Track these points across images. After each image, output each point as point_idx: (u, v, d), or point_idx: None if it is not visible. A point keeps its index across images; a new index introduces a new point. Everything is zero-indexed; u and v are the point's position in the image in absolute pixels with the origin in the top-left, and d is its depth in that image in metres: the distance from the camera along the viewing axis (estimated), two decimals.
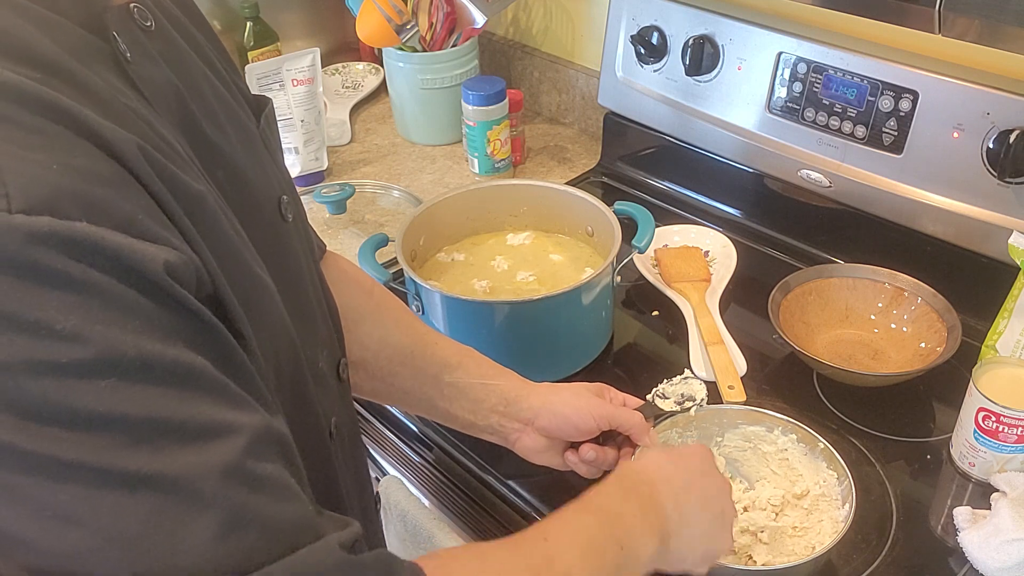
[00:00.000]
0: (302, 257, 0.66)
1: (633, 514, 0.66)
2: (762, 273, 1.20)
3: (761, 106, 1.23)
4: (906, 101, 1.09)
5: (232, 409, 0.44)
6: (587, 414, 0.83)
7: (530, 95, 1.68)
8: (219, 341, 0.46)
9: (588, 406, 0.84)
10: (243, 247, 0.53)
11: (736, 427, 0.91)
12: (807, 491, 0.86)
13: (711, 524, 0.73)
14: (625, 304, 1.20)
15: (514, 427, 0.85)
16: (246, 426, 0.44)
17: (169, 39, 0.55)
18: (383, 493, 1.05)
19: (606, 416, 0.84)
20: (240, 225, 0.54)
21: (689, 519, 0.71)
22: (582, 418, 0.83)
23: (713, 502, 0.74)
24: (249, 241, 0.55)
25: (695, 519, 0.71)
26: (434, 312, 1.03)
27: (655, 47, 1.32)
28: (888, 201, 1.14)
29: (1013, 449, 0.87)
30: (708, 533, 0.73)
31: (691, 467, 0.74)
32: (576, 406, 0.84)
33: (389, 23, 1.43)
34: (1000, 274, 1.02)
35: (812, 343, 1.07)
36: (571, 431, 0.84)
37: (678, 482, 0.72)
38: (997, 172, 1.02)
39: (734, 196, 1.34)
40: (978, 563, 0.82)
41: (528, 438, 0.85)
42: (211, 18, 1.63)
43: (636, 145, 1.45)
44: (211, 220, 0.49)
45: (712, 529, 0.73)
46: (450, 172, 1.53)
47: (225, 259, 0.49)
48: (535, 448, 0.86)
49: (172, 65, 0.54)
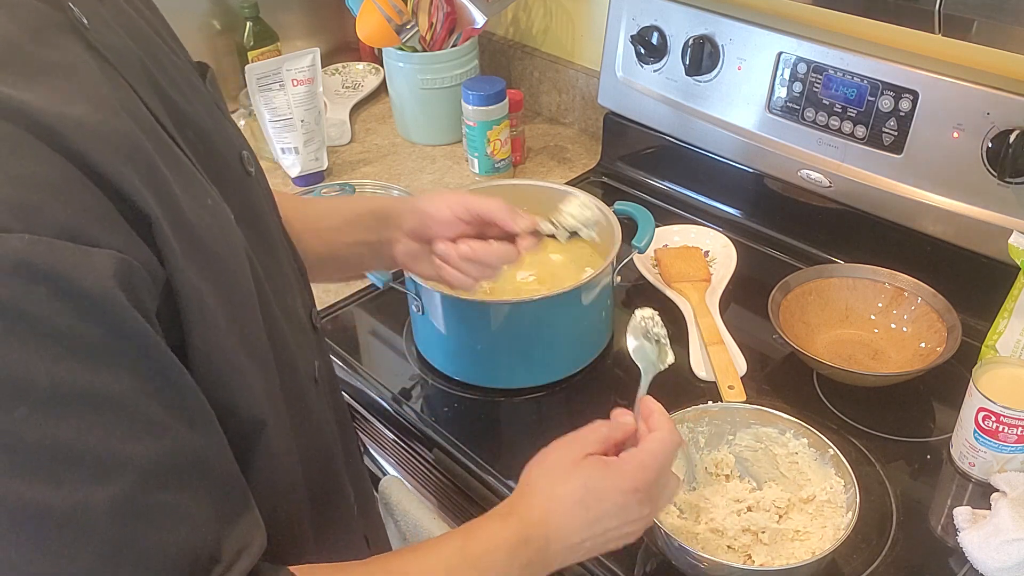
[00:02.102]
0: (268, 210, 0.68)
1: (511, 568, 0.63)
2: (762, 273, 1.20)
3: (761, 106, 1.23)
4: (906, 101, 1.09)
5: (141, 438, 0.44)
6: (443, 205, 0.85)
7: (530, 95, 1.68)
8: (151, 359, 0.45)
9: (445, 198, 0.85)
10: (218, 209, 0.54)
11: (748, 427, 0.91)
12: (813, 496, 0.86)
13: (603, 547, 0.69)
14: (625, 304, 1.19)
15: (388, 237, 0.88)
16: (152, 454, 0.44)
17: (119, 7, 0.56)
18: (383, 493, 1.05)
19: (462, 203, 0.85)
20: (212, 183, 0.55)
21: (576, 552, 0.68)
22: (438, 209, 0.85)
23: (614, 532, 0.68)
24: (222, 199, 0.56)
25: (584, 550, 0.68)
26: (434, 312, 1.03)
27: (655, 47, 1.32)
28: (888, 201, 1.14)
29: (1013, 449, 0.87)
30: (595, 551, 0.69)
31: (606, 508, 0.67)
32: (434, 201, 0.86)
33: (389, 23, 1.43)
34: (1000, 274, 1.02)
35: (812, 343, 1.07)
36: (434, 226, 0.86)
37: (578, 531, 0.66)
38: (997, 172, 1.02)
39: (734, 196, 1.34)
40: (978, 563, 0.82)
41: (401, 245, 0.88)
42: (211, 18, 1.64)
43: (636, 145, 1.45)
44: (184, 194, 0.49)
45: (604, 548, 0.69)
46: (450, 172, 1.53)
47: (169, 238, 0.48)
48: (410, 253, 0.88)
49: (127, 31, 0.54)
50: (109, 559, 0.42)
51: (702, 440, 0.91)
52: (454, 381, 1.07)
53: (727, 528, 0.84)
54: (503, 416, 1.05)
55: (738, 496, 0.87)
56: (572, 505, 0.66)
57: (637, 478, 0.68)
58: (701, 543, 0.83)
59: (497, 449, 1.00)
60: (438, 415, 1.05)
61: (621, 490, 0.67)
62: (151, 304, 0.45)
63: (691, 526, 0.85)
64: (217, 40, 1.67)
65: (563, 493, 0.67)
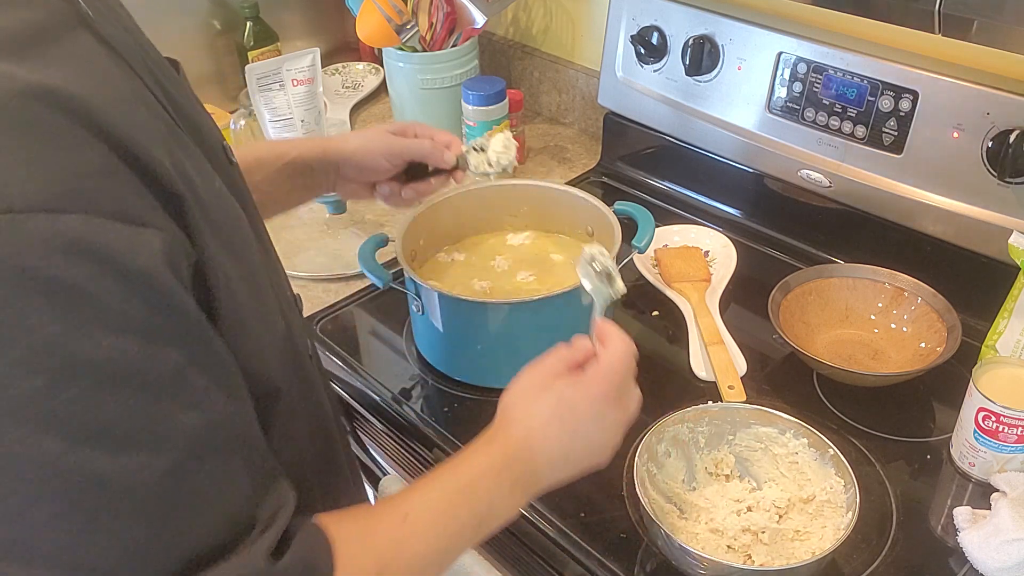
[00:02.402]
0: (249, 198, 0.70)
1: (501, 489, 0.66)
2: (762, 273, 1.20)
3: (761, 106, 1.23)
4: (906, 101, 1.09)
5: (187, 410, 0.46)
6: (377, 155, 0.97)
7: (530, 95, 1.68)
8: (194, 332, 0.48)
9: (378, 148, 0.96)
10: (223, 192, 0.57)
11: (748, 427, 0.91)
12: (813, 496, 0.86)
13: (588, 459, 0.72)
14: (625, 304, 1.19)
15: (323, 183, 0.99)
16: (197, 427, 0.46)
17: (107, 2, 0.57)
18: (383, 493, 1.05)
19: (396, 152, 0.97)
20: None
21: (563, 469, 0.71)
22: (375, 160, 0.97)
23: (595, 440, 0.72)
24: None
25: (571, 464, 0.71)
26: (434, 312, 1.03)
27: (655, 47, 1.32)
28: (888, 201, 1.14)
29: (1013, 449, 0.87)
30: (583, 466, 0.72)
31: (581, 416, 0.71)
32: (368, 150, 0.96)
33: (389, 23, 1.43)
34: (1000, 274, 1.02)
35: (812, 343, 1.07)
36: (371, 174, 0.98)
37: (559, 444, 0.70)
38: (997, 172, 1.02)
39: (734, 196, 1.34)
40: (978, 563, 0.82)
41: (344, 186, 1.01)
42: (211, 18, 1.64)
43: (636, 145, 1.45)
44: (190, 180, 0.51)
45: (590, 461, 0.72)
46: None
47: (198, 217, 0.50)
48: (348, 191, 1.02)
49: (120, 22, 0.56)
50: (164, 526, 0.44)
51: (702, 440, 0.91)
52: (454, 381, 1.07)
53: (727, 528, 0.84)
54: None
55: (738, 496, 0.87)
56: (548, 419, 0.69)
57: (603, 384, 0.71)
58: (701, 543, 0.83)
59: None
60: (438, 415, 1.04)
61: (591, 397, 0.71)
62: (188, 281, 0.48)
63: (691, 526, 0.85)
64: (217, 40, 1.67)
65: (538, 410, 0.70)
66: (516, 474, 0.67)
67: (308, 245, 1.34)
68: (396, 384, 1.08)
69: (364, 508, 0.64)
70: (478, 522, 0.65)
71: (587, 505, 0.91)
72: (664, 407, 0.95)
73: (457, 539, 0.64)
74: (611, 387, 0.72)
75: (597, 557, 0.85)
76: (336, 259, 1.30)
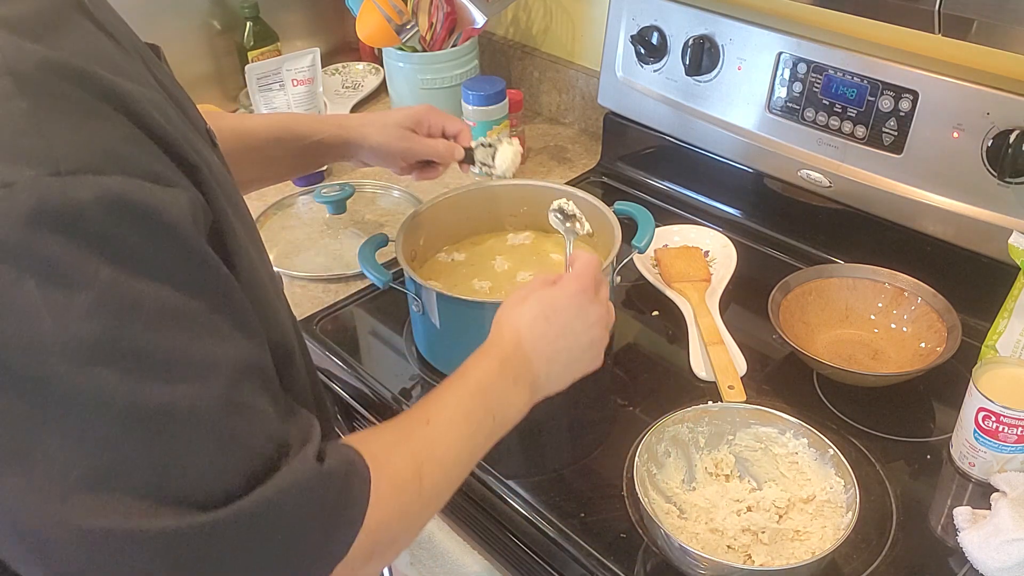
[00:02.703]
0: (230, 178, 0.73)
1: (506, 385, 0.74)
2: (762, 273, 1.20)
3: (761, 106, 1.23)
4: (906, 101, 1.09)
5: (223, 344, 0.51)
6: (396, 155, 1.05)
7: (530, 95, 1.68)
8: (220, 280, 0.53)
9: (397, 149, 1.04)
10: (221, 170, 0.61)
11: (748, 426, 0.91)
12: (813, 496, 0.86)
13: (580, 359, 0.80)
14: (625, 304, 1.20)
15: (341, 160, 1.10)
16: (233, 359, 0.51)
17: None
18: None
19: (413, 154, 1.05)
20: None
21: (558, 368, 0.79)
22: (392, 160, 1.06)
23: (582, 338, 0.79)
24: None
25: (563, 365, 0.79)
26: (433, 312, 1.03)
27: (655, 47, 1.32)
28: (888, 201, 1.14)
29: (1013, 449, 0.87)
30: (577, 368, 0.80)
31: (564, 314, 0.79)
32: (388, 151, 1.04)
33: (389, 23, 1.43)
34: (1000, 274, 1.02)
35: (812, 343, 1.07)
36: (386, 166, 1.08)
37: (550, 336, 0.78)
38: (997, 172, 1.02)
39: (734, 196, 1.34)
40: (978, 563, 0.82)
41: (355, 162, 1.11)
42: (211, 18, 1.64)
43: (636, 145, 1.45)
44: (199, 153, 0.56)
45: (581, 362, 0.81)
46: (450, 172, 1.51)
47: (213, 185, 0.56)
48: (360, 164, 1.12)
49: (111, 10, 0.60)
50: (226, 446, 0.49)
51: (702, 440, 0.92)
52: None
53: (727, 528, 0.84)
54: None
55: (738, 496, 0.87)
56: (534, 319, 0.78)
57: (579, 282, 0.81)
58: (701, 543, 0.83)
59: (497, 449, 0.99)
60: None
61: (570, 293, 0.80)
62: (209, 239, 0.53)
63: (691, 526, 0.85)
64: (217, 40, 1.67)
65: (524, 312, 0.78)
66: (515, 370, 0.75)
67: (308, 245, 1.34)
68: (396, 384, 1.08)
69: (383, 425, 0.69)
70: (493, 418, 0.72)
71: (587, 505, 0.91)
72: (664, 407, 0.95)
73: (479, 437, 0.71)
74: (587, 283, 0.80)
75: (597, 557, 0.85)
76: (336, 259, 1.31)
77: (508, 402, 0.74)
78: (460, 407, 0.71)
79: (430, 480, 0.64)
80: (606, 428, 1.02)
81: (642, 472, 0.86)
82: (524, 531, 0.90)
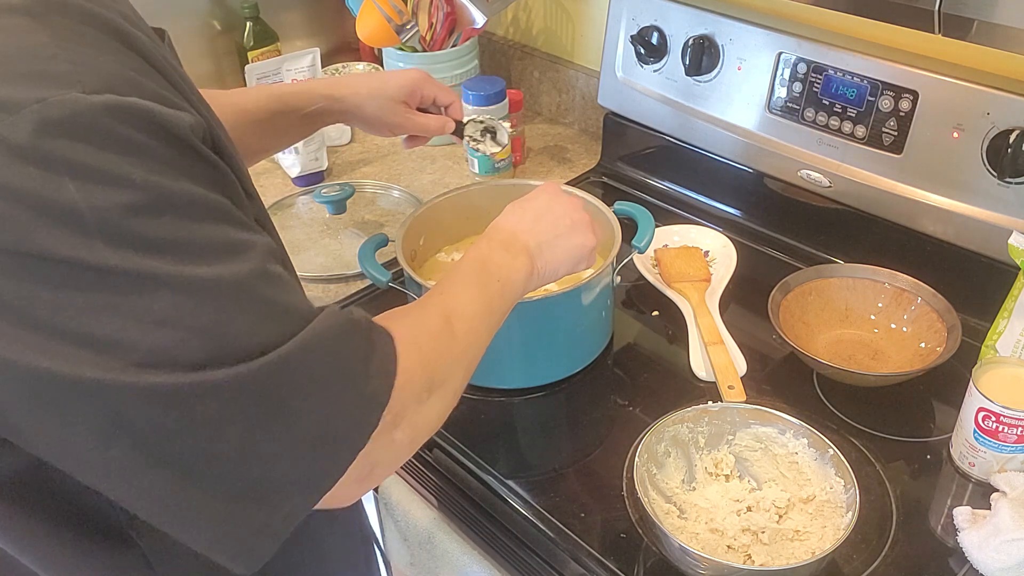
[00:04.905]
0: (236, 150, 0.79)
1: (500, 254, 0.82)
2: (762, 273, 1.20)
3: (761, 106, 1.23)
4: (906, 101, 1.09)
5: (248, 231, 0.56)
6: (388, 127, 1.08)
7: (530, 95, 1.68)
8: (229, 183, 0.58)
9: (391, 122, 1.07)
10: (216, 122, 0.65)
11: (748, 426, 0.91)
12: (813, 496, 0.86)
13: (568, 235, 0.87)
14: (625, 304, 1.20)
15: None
16: (259, 242, 0.56)
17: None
18: (383, 493, 1.05)
19: (404, 129, 1.08)
20: None
21: (546, 239, 0.86)
22: (385, 131, 1.10)
23: (562, 220, 0.88)
24: None
25: (551, 237, 0.86)
26: None
27: (655, 47, 1.32)
28: (888, 201, 1.14)
29: (1013, 449, 0.87)
30: (568, 243, 0.87)
31: (536, 205, 0.88)
32: (382, 124, 1.07)
33: (389, 23, 1.43)
34: (1000, 274, 1.02)
35: (812, 343, 1.07)
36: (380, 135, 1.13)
37: (527, 219, 0.86)
38: (997, 172, 1.02)
39: (734, 196, 1.34)
40: (978, 563, 0.82)
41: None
42: (211, 18, 1.64)
43: (636, 145, 1.45)
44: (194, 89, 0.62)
45: (571, 238, 0.87)
46: (450, 172, 1.53)
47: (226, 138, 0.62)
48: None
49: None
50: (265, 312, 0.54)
51: (702, 440, 0.92)
52: None
53: (727, 528, 0.84)
54: (503, 416, 1.05)
55: (738, 496, 0.87)
56: (509, 212, 0.88)
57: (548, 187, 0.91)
58: (701, 543, 0.83)
59: (497, 449, 1.00)
60: None
61: (538, 192, 0.90)
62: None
63: (691, 526, 0.85)
64: (217, 40, 1.67)
65: (505, 211, 0.88)
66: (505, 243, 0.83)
67: (308, 245, 1.34)
68: None
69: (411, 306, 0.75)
70: (498, 280, 0.79)
71: (587, 505, 0.91)
72: (664, 407, 0.95)
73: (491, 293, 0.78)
74: (551, 187, 0.91)
75: (597, 557, 0.85)
76: (336, 259, 1.31)
77: (508, 266, 0.81)
78: (465, 278, 0.78)
79: (461, 327, 0.72)
80: (606, 428, 1.02)
81: (642, 472, 0.86)
82: (524, 531, 0.90)
